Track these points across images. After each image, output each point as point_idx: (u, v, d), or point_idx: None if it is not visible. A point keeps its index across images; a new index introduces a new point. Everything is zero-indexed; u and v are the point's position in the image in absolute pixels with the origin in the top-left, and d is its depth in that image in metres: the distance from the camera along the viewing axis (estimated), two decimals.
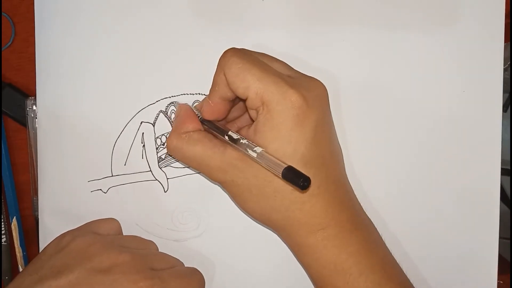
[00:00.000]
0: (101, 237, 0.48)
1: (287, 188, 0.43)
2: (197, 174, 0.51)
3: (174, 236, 0.51)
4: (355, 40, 0.50)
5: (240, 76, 0.42)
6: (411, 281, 0.47)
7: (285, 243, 0.47)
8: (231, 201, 0.50)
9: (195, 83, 0.50)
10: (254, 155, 0.41)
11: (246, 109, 0.46)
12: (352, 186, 0.47)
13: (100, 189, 0.50)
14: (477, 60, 0.50)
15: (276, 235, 0.50)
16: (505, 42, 0.50)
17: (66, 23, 0.50)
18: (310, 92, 0.43)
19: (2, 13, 0.52)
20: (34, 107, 0.51)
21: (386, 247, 0.47)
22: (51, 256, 0.46)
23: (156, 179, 0.51)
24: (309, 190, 0.43)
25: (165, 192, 0.51)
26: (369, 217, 0.47)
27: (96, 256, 0.45)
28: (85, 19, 0.50)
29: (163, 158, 0.50)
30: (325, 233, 0.43)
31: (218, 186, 0.50)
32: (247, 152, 0.42)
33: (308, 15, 0.50)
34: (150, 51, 0.50)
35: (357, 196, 0.47)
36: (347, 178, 0.47)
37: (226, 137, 0.43)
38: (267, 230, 0.50)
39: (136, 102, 0.50)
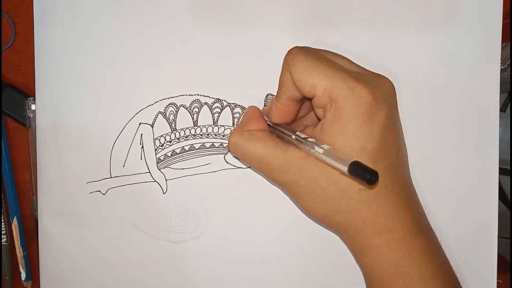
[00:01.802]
0: None
1: (354, 187, 0.42)
2: (196, 175, 0.51)
3: (172, 238, 0.51)
4: (353, 40, 0.50)
5: (306, 73, 0.41)
6: None
7: (345, 244, 0.46)
8: (230, 203, 0.50)
9: (194, 84, 0.50)
10: (321, 151, 0.40)
11: (312, 108, 0.45)
12: None
13: (99, 191, 0.51)
14: (474, 60, 0.50)
15: (275, 237, 0.50)
16: (504, 43, 0.50)
17: (65, 23, 0.50)
18: (379, 89, 0.42)
19: (2, 13, 0.52)
20: (34, 107, 0.51)
21: (444, 253, 0.46)
22: None
23: (155, 181, 0.51)
24: (376, 189, 0.42)
25: (164, 193, 0.51)
26: None
27: None
28: (84, 20, 0.50)
29: (162, 159, 0.50)
30: (391, 234, 0.42)
31: (217, 187, 0.50)
32: (313, 150, 0.40)
33: (307, 15, 0.50)
34: (149, 51, 0.50)
35: None
36: (411, 179, 0.46)
37: (293, 137, 0.42)
38: (266, 231, 0.50)
39: (134, 103, 0.50)
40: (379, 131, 0.41)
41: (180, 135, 0.50)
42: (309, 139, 0.41)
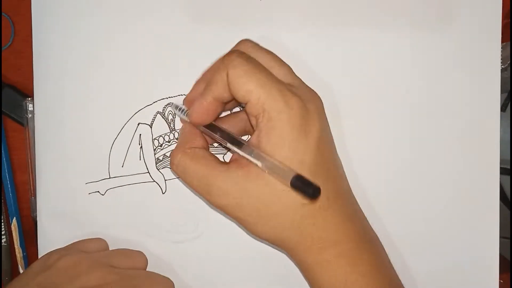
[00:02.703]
0: (88, 255, 0.47)
1: (297, 203, 0.41)
2: None
3: (172, 238, 0.51)
4: (353, 40, 0.50)
5: (244, 78, 0.41)
6: (412, 282, 0.46)
7: (294, 262, 0.46)
8: None
9: (192, 84, 0.49)
10: (262, 164, 0.40)
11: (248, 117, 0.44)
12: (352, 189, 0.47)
13: (98, 191, 0.50)
14: (474, 60, 0.50)
15: None
16: (504, 42, 0.50)
17: (63, 24, 0.50)
18: (311, 102, 0.42)
19: (2, 13, 0.52)
20: (32, 107, 0.51)
21: (392, 266, 0.46)
22: (37, 274, 0.45)
23: (154, 181, 0.50)
24: (319, 202, 0.42)
25: (163, 193, 0.51)
26: (368, 219, 0.47)
27: (83, 275, 0.44)
28: (82, 20, 0.50)
29: (161, 159, 0.50)
30: (338, 248, 0.42)
31: None
32: (255, 161, 0.40)
33: (305, 15, 0.49)
34: (147, 51, 0.50)
35: (356, 197, 0.47)
36: (351, 191, 0.46)
37: (230, 144, 0.42)
38: None
39: (133, 103, 0.50)
40: (315, 144, 0.41)
41: (178, 135, 0.50)
42: (253, 150, 0.41)
